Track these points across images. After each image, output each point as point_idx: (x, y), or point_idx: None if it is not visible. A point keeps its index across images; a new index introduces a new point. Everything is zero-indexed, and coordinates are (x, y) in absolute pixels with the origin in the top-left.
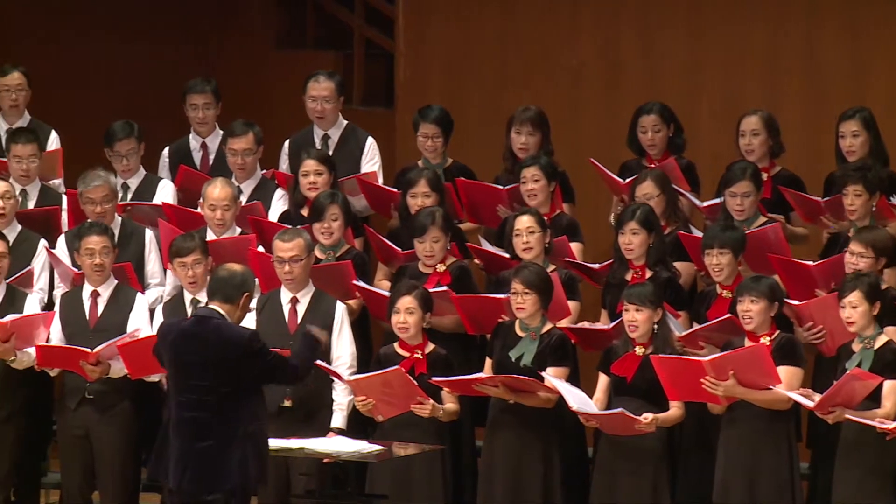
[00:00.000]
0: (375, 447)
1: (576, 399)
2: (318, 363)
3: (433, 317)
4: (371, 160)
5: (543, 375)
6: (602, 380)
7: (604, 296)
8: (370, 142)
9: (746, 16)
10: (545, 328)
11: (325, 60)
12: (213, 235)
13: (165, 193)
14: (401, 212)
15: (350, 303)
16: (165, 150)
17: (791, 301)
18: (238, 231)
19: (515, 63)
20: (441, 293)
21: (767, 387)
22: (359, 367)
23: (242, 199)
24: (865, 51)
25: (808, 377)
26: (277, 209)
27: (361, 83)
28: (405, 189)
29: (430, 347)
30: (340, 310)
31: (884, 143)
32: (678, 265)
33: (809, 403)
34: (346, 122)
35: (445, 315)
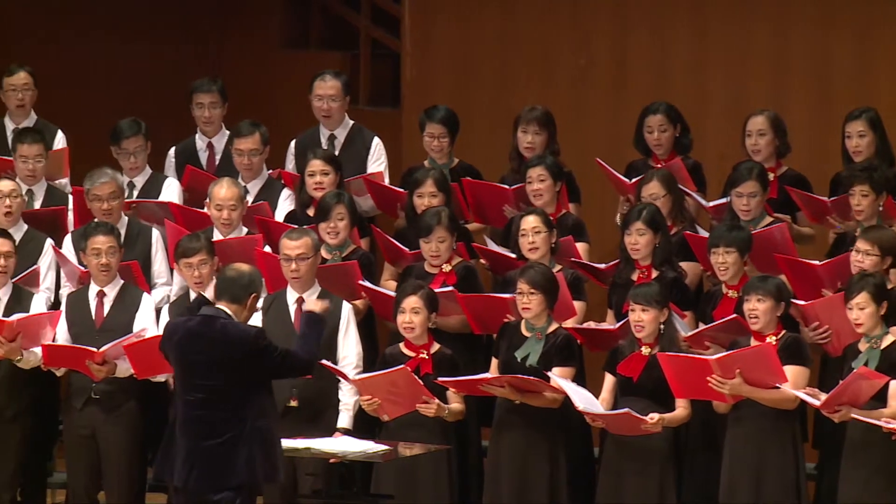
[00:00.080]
0: (381, 447)
1: (582, 399)
2: (324, 363)
3: (439, 317)
4: (377, 160)
5: (549, 375)
6: (608, 380)
7: (610, 296)
8: (376, 142)
9: (753, 16)
10: (551, 328)
11: (332, 60)
12: (220, 235)
13: (171, 192)
14: (407, 212)
15: (356, 303)
16: (171, 151)
17: (797, 301)
18: (244, 231)
19: (521, 63)
20: (447, 293)
21: (774, 385)
22: (365, 367)
23: (249, 200)
24: (872, 51)
25: (815, 377)
26: (284, 209)
27: (367, 83)
28: (411, 189)
29: (436, 347)
30: (346, 310)
31: (890, 144)
32: (684, 265)
33: (815, 402)
34: (353, 123)
35: (451, 315)
